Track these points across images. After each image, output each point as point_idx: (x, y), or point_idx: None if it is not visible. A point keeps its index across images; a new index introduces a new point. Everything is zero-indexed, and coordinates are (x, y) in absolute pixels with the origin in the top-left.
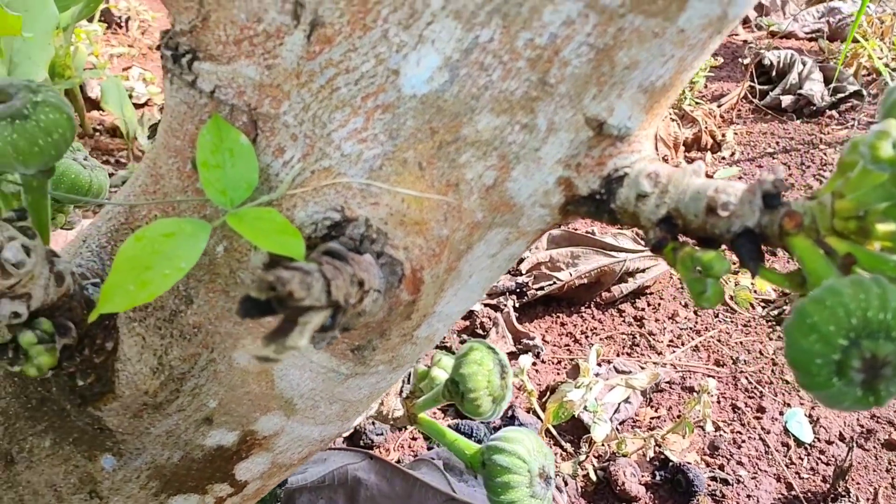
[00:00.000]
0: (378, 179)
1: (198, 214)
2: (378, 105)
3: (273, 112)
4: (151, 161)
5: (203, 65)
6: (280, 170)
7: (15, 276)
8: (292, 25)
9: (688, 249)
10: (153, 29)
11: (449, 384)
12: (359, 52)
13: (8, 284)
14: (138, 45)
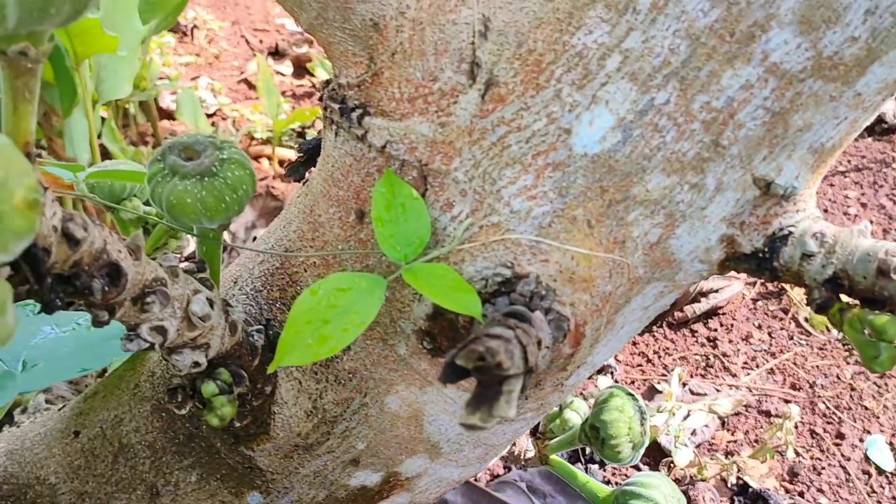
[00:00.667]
0: (547, 236)
1: (360, 265)
2: (548, 163)
3: (444, 168)
4: (307, 208)
5: (374, 120)
6: (447, 224)
7: (200, 328)
8: (467, 85)
9: (857, 311)
10: (219, 38)
11: (587, 429)
12: (531, 110)
13: (192, 336)
14: (205, 55)
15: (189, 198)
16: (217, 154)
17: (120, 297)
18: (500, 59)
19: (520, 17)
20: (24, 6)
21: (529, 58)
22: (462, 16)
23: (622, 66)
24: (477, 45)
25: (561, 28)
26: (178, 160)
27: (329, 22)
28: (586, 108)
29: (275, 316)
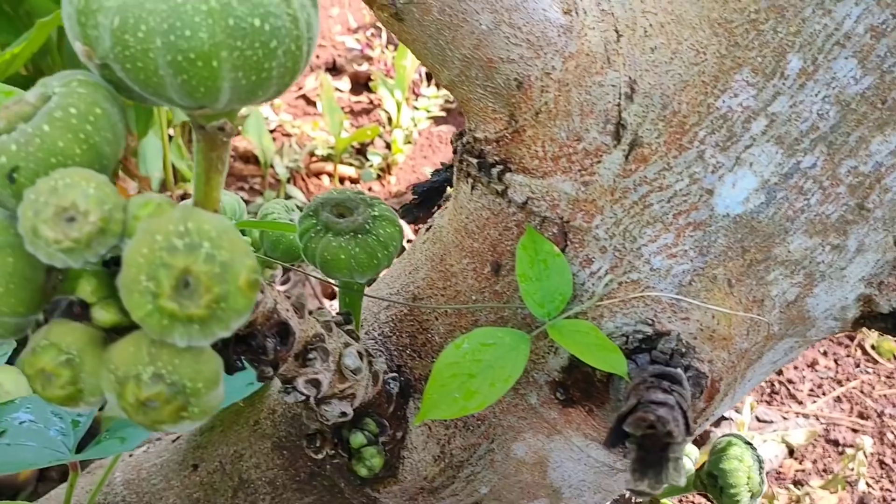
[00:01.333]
0: (688, 295)
1: (495, 316)
2: (690, 223)
3: (585, 225)
4: (437, 256)
5: (515, 177)
6: (586, 280)
7: (350, 380)
8: (612, 145)
9: None
10: None
11: (705, 477)
12: (673, 171)
13: (342, 388)
14: None
15: (343, 254)
16: (369, 211)
17: (287, 355)
18: (644, 121)
19: (665, 79)
20: (237, 90)
21: (674, 119)
22: (608, 78)
23: (768, 130)
24: (623, 107)
25: (706, 91)
26: (332, 217)
27: (471, 79)
28: (729, 170)
29: (405, 362)
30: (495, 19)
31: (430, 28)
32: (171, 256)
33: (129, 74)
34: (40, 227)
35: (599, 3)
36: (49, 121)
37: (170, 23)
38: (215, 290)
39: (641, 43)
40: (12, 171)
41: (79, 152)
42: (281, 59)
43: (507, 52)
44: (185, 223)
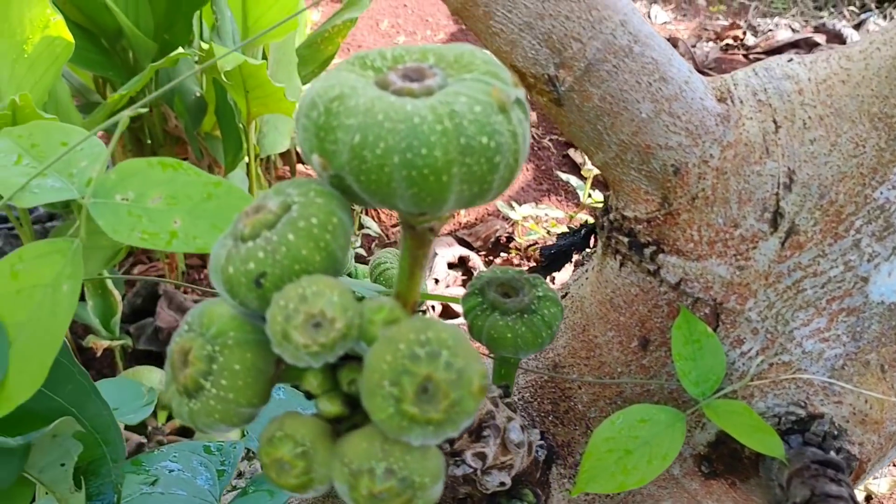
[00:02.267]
0: (840, 378)
1: (640, 389)
2: (843, 308)
3: (738, 308)
4: (579, 326)
5: (669, 258)
6: (736, 359)
7: (513, 453)
8: (768, 232)
9: None
10: None
11: None
12: (828, 258)
13: (504, 460)
14: None
15: (509, 333)
16: (534, 292)
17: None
18: (801, 209)
19: (824, 170)
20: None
21: (830, 209)
22: (767, 168)
23: None
24: (781, 196)
25: (864, 182)
26: (498, 297)
27: (625, 162)
28: (885, 259)
29: (547, 429)
30: (656, 108)
31: (589, 114)
32: (413, 364)
33: (361, 185)
34: (291, 332)
35: (756, 93)
36: (293, 230)
37: (408, 142)
38: (452, 396)
39: (800, 135)
40: (259, 276)
41: (318, 259)
42: (501, 172)
43: (665, 140)
44: (425, 333)
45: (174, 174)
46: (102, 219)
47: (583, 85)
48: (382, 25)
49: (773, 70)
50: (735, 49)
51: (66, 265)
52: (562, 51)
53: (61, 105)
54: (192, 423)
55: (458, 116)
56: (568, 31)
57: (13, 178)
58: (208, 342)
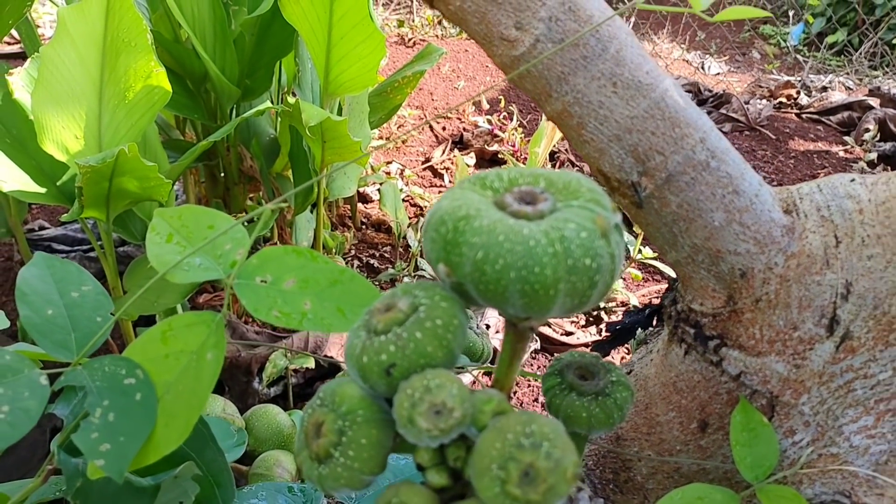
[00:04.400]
0: (883, 473)
1: (696, 467)
2: (890, 409)
3: (792, 402)
4: (642, 404)
5: (731, 352)
6: (788, 448)
7: None
8: (825, 336)
9: None
10: (406, 123)
11: None
12: (878, 362)
13: None
14: (394, 139)
15: (584, 413)
16: (609, 377)
17: None
18: (856, 318)
19: (879, 284)
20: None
21: (883, 319)
22: (827, 278)
23: None
24: (838, 305)
25: None
26: (576, 379)
27: (696, 263)
28: None
29: (607, 496)
30: (728, 218)
31: (666, 218)
32: (519, 452)
33: (480, 293)
34: (416, 417)
35: (819, 209)
36: (421, 329)
37: (524, 261)
38: (550, 481)
39: (859, 251)
40: (390, 366)
41: (440, 355)
42: (599, 287)
43: (734, 246)
44: (530, 426)
45: (306, 261)
46: (245, 298)
47: (662, 193)
48: (444, 69)
49: (837, 188)
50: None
51: (211, 335)
52: (645, 161)
53: (149, 144)
54: (320, 485)
55: (567, 241)
56: (652, 145)
57: (166, 255)
58: (340, 417)
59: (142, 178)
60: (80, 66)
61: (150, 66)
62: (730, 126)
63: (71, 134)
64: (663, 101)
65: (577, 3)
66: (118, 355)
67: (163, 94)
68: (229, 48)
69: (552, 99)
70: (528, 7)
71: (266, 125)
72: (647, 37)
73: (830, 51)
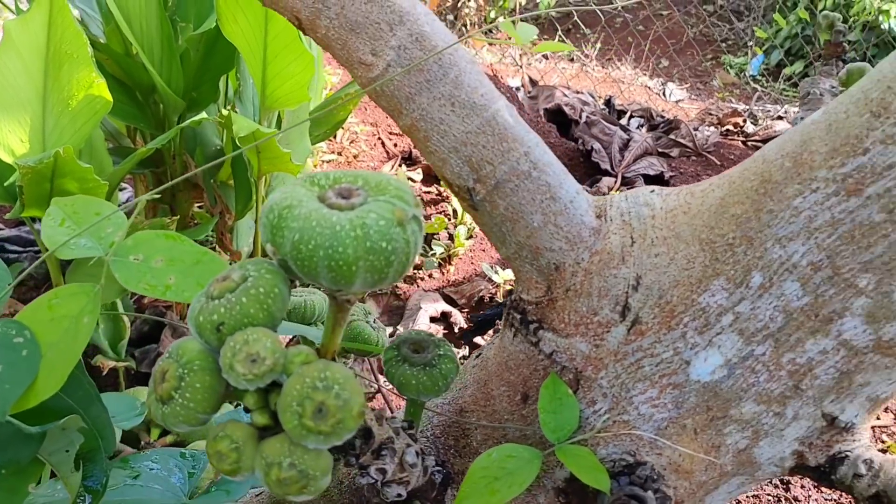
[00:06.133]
0: (663, 437)
1: (520, 433)
2: (670, 383)
3: (593, 376)
4: (482, 381)
5: (546, 334)
6: (590, 416)
7: (408, 471)
8: (619, 321)
9: None
10: (360, 139)
11: None
12: (662, 343)
13: (401, 476)
14: (346, 154)
15: (413, 380)
16: (437, 351)
17: (367, 451)
18: (644, 306)
19: (663, 278)
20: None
21: (666, 307)
22: (622, 272)
23: (733, 323)
24: (629, 294)
25: (692, 289)
26: (409, 352)
27: (522, 258)
28: (703, 348)
29: (448, 459)
30: (545, 220)
31: (496, 219)
32: (314, 392)
33: (297, 268)
34: (235, 364)
35: (622, 214)
36: (247, 295)
37: (330, 242)
38: (338, 416)
39: (649, 249)
40: (220, 325)
41: (261, 317)
42: (395, 267)
43: (550, 244)
44: (325, 372)
45: (174, 244)
46: (118, 272)
47: (492, 197)
48: None
49: (639, 197)
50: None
51: (89, 303)
52: (479, 170)
53: (96, 151)
54: (163, 422)
55: (367, 227)
56: (483, 156)
57: (57, 236)
58: (181, 366)
59: (81, 180)
60: (26, 75)
61: (91, 77)
62: (678, 151)
63: (17, 138)
64: (494, 120)
65: (424, 35)
66: (11, 319)
67: (104, 104)
68: (175, 62)
69: (403, 115)
70: (381, 37)
71: (213, 136)
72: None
73: (788, 82)
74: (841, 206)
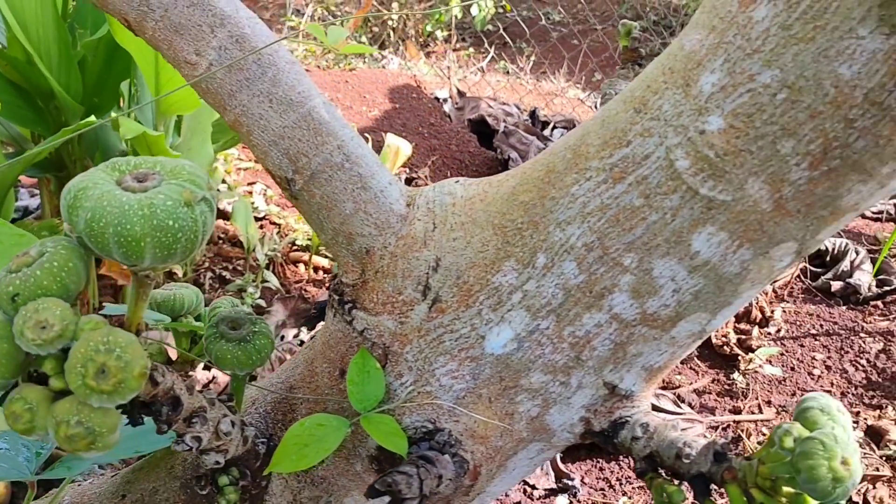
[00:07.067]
0: (461, 405)
1: (338, 406)
2: (468, 356)
3: (399, 351)
4: (309, 359)
5: (359, 313)
6: (398, 388)
7: (223, 440)
8: (420, 299)
9: (659, 480)
10: None
11: None
12: (461, 320)
13: (218, 444)
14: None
15: (229, 354)
16: (251, 328)
17: (177, 418)
18: (444, 285)
19: (461, 260)
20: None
21: (464, 286)
22: (423, 255)
23: (522, 300)
24: (430, 275)
25: (486, 269)
26: (226, 329)
27: (339, 243)
28: (496, 324)
29: (276, 433)
30: (356, 207)
31: (313, 207)
32: (96, 355)
33: (92, 244)
34: (25, 331)
35: (428, 203)
36: (41, 268)
37: (119, 220)
38: (119, 376)
39: (448, 234)
40: (15, 295)
41: (55, 288)
42: (183, 244)
43: (361, 230)
44: (108, 336)
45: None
46: None
47: (309, 187)
48: None
49: (444, 187)
50: None
51: None
52: (296, 162)
53: None
54: None
55: (154, 207)
56: (300, 149)
57: None
58: None
59: None
60: None
61: None
62: None
63: None
64: (310, 115)
65: (244, 37)
66: None
67: None
68: (73, 68)
69: (227, 111)
70: (203, 38)
71: (116, 140)
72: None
73: None
74: (609, 192)
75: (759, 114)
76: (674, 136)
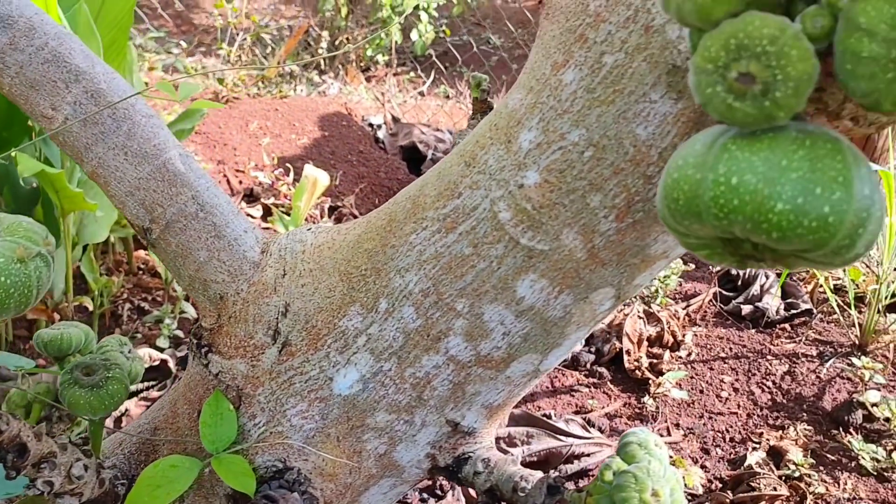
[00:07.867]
0: (310, 444)
1: (197, 446)
2: (317, 397)
3: (252, 393)
4: (173, 401)
5: (214, 356)
6: (251, 428)
7: (76, 484)
8: (271, 343)
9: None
10: None
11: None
12: (310, 363)
13: (71, 488)
14: None
15: (82, 400)
16: (105, 374)
17: (25, 465)
18: (293, 330)
19: (309, 305)
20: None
21: (312, 330)
22: (273, 300)
23: (367, 343)
24: (279, 320)
25: (334, 314)
26: (80, 375)
27: (196, 289)
28: (343, 366)
29: (138, 474)
30: (209, 255)
31: (170, 255)
32: None
33: None
34: None
35: (280, 250)
36: None
37: None
38: None
39: (297, 280)
40: None
41: None
42: (16, 298)
43: (215, 276)
44: None
45: None
46: None
47: (165, 236)
48: (251, 126)
49: (296, 234)
50: None
51: None
52: (152, 212)
53: None
54: None
55: None
56: (155, 199)
57: None
58: None
59: None
60: None
61: None
62: None
63: None
64: (164, 167)
65: (99, 91)
66: None
67: None
68: None
69: (84, 163)
70: (58, 93)
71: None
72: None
73: None
74: (442, 241)
75: (570, 169)
76: (497, 190)
